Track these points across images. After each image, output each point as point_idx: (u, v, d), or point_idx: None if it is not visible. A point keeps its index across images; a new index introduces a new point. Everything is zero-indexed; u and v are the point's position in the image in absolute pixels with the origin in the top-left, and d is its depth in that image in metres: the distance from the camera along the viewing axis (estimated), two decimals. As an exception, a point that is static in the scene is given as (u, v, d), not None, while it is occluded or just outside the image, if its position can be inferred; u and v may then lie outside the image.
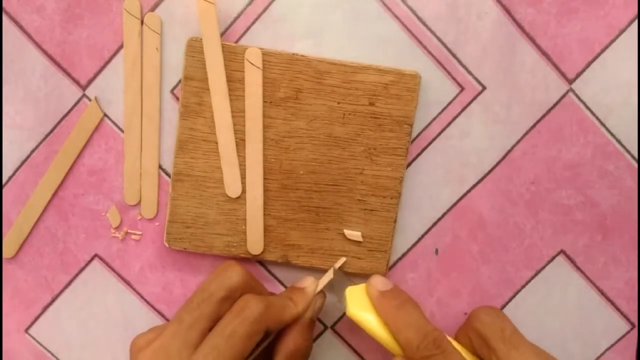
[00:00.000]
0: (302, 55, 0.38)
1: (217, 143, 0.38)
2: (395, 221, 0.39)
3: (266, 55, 0.37)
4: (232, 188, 0.38)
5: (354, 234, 0.39)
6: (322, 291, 0.38)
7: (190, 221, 0.39)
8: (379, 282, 0.37)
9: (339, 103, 0.38)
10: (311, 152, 0.38)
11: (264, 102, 0.38)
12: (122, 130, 0.39)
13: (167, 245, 0.39)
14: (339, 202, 0.39)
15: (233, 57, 0.37)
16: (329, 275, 0.38)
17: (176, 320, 0.34)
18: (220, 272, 0.36)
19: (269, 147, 0.38)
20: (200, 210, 0.39)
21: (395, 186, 0.39)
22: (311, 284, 0.37)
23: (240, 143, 0.38)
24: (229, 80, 0.38)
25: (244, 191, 0.39)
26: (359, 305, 0.36)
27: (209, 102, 0.38)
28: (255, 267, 0.41)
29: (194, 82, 0.38)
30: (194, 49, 0.37)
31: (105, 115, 0.39)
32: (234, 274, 0.35)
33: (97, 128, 0.39)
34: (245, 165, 0.38)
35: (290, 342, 0.36)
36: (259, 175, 0.38)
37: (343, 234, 0.39)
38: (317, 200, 0.39)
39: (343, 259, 0.39)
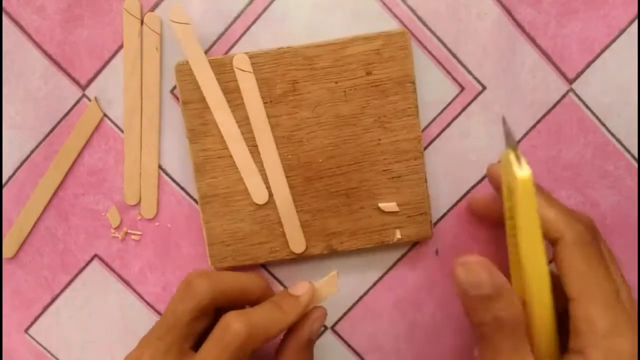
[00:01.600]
0: (288, 47, 0.37)
1: (232, 157, 0.38)
2: (425, 181, 0.38)
3: (253, 57, 0.37)
4: (258, 195, 0.38)
5: (389, 206, 0.38)
6: (322, 308, 0.36)
7: (229, 239, 0.38)
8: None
9: (336, 82, 0.37)
10: (324, 138, 0.38)
11: (264, 103, 0.38)
12: (122, 130, 0.39)
13: (212, 267, 0.39)
14: (365, 179, 0.38)
15: (223, 69, 0.37)
16: (328, 281, 0.36)
17: (151, 346, 0.33)
18: (183, 289, 0.33)
19: (282, 145, 0.38)
20: (235, 225, 0.38)
21: (416, 146, 0.38)
22: (306, 292, 0.35)
23: (254, 149, 0.38)
24: (225, 92, 0.37)
25: (270, 195, 0.38)
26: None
27: (212, 120, 0.37)
28: (259, 271, 0.40)
29: (192, 104, 0.37)
30: (183, 72, 0.37)
31: (105, 115, 0.39)
32: (196, 291, 0.33)
33: (97, 128, 0.40)
34: (264, 169, 0.38)
35: None
36: (281, 175, 0.38)
37: (378, 209, 0.38)
38: (344, 183, 0.38)
39: (335, 272, 0.37)
